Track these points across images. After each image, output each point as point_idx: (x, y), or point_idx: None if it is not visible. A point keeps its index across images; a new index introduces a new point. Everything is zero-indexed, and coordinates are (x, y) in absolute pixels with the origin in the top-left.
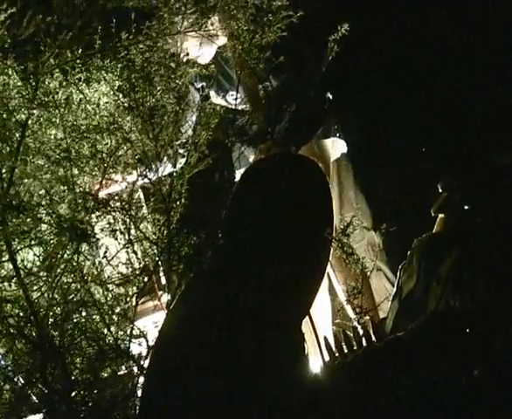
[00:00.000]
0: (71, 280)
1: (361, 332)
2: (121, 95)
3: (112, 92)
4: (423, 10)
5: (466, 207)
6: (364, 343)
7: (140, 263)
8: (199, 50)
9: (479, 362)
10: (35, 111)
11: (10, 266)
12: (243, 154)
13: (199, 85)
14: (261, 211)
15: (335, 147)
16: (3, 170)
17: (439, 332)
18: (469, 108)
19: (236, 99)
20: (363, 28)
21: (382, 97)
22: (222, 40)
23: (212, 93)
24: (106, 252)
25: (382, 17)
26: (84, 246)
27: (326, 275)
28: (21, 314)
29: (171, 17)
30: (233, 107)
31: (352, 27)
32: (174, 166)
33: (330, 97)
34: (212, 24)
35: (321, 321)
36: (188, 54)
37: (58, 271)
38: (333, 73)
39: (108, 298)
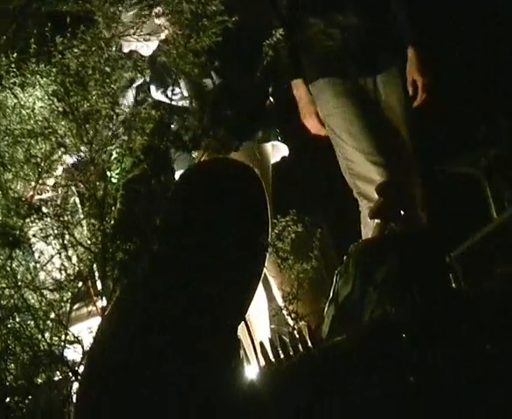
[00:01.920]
0: (4, 285)
1: (297, 337)
2: (55, 100)
3: (46, 97)
4: None
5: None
6: (301, 349)
7: (74, 268)
8: (142, 42)
9: (414, 373)
10: None
11: None
12: (182, 156)
13: (137, 83)
14: (196, 218)
15: (276, 150)
16: None
17: (376, 339)
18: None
19: (175, 94)
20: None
21: None
22: (166, 32)
23: (153, 88)
24: (40, 257)
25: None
26: (17, 252)
27: (262, 279)
28: None
29: (106, 22)
30: (173, 104)
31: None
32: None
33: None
34: (158, 17)
35: (257, 326)
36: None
37: None
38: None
39: (42, 304)
